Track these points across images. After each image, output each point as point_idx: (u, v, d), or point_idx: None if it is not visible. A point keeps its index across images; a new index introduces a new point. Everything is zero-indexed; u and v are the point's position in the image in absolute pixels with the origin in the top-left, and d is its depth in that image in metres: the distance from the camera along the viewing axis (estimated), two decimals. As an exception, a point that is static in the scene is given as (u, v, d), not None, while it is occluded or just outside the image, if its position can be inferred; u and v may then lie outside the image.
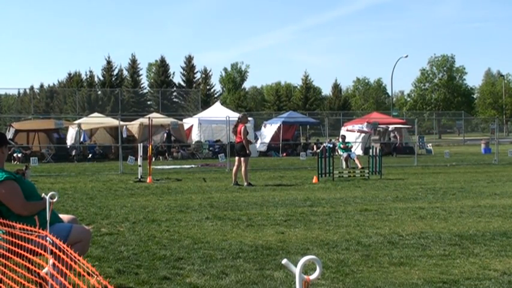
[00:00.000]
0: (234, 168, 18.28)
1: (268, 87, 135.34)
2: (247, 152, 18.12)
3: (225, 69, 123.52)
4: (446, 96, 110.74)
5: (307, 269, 3.61)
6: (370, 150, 23.18)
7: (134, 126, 38.79)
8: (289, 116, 46.56)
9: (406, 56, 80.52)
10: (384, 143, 41.59)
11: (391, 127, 42.69)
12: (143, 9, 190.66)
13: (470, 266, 7.09)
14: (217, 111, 41.24)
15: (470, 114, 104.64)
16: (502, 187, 17.46)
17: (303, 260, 2.83)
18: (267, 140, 41.87)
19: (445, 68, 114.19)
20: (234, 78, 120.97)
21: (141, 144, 22.41)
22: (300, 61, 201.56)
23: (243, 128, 18.12)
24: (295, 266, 2.87)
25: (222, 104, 52.82)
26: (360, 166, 23.65)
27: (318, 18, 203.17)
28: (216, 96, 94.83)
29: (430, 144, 47.49)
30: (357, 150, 36.70)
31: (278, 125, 42.65)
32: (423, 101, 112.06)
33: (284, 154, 40.14)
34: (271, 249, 8.07)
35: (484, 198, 14.41)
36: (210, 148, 38.77)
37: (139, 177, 19.89)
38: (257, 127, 46.79)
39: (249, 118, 42.12)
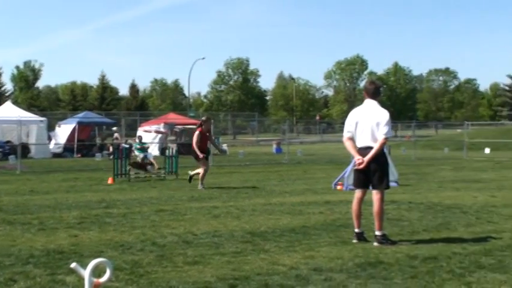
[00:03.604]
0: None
1: (63, 86, 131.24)
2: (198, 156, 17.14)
3: (17, 67, 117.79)
4: (241, 98, 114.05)
5: (101, 271, 3.54)
6: (167, 151, 23.28)
7: None
8: (84, 116, 45.55)
9: (203, 58, 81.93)
10: (181, 144, 41.94)
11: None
12: None
13: (260, 262, 7.34)
14: (8, 111, 39.22)
15: (263, 115, 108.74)
16: (291, 185, 18.31)
17: (92, 263, 2.79)
18: (62, 140, 40.60)
19: (240, 71, 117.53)
20: (27, 76, 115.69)
21: None
22: (96, 60, 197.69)
23: (196, 133, 17.17)
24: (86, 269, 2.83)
25: (13, 104, 50.30)
26: (156, 167, 23.66)
27: (116, 17, 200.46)
28: (7, 95, 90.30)
29: (225, 145, 48.68)
30: (154, 150, 36.70)
31: (73, 125, 41.53)
32: (219, 102, 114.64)
33: (79, 155, 39.13)
34: (64, 253, 7.83)
35: (275, 197, 15.01)
36: (0, 149, 36.81)
37: None
38: (51, 127, 45.16)
39: (43, 118, 40.79)
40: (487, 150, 39.88)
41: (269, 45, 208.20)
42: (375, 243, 8.47)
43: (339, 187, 17.16)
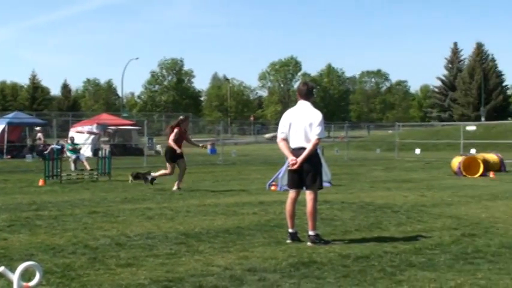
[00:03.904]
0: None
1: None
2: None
3: None
4: (175, 99, 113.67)
5: (31, 275, 3.49)
6: (100, 152, 22.97)
7: None
8: (15, 117, 44.44)
9: (137, 58, 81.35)
10: (114, 145, 41.47)
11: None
12: None
13: (195, 263, 7.32)
14: None
15: (198, 116, 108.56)
16: (226, 186, 18.32)
17: (20, 267, 2.73)
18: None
19: (174, 71, 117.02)
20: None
21: None
22: (27, 60, 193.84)
23: (176, 130, 16.76)
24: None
25: None
26: (88, 168, 23.33)
27: (48, 16, 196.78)
28: None
29: (159, 146, 48.28)
30: (86, 152, 36.18)
31: (3, 126, 40.54)
32: (153, 102, 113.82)
33: (9, 156, 38.19)
34: (-7, 257, 7.63)
35: (209, 197, 14.99)
36: None
37: None
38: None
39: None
40: (417, 151, 40.76)
41: (204, 46, 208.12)
42: (309, 243, 8.56)
43: (273, 187, 17.26)
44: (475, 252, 8.04)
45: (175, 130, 16.77)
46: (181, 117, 17.72)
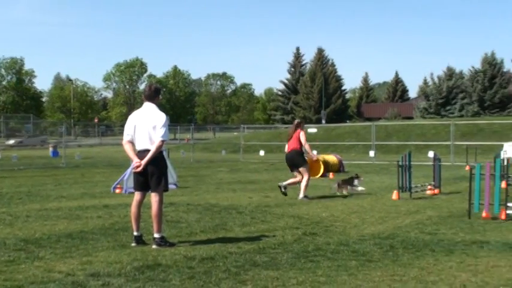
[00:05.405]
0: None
1: None
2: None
3: None
4: (15, 99, 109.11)
5: None
6: None
7: None
8: None
9: (-27, 57, 77.47)
10: None
11: None
12: None
13: (35, 270, 7.07)
14: None
15: (39, 117, 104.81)
16: (68, 189, 17.84)
17: None
18: None
19: (14, 71, 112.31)
20: None
21: None
22: None
23: (302, 132, 15.20)
24: None
25: None
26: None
27: None
28: None
29: (-2, 148, 46.18)
30: None
31: None
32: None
33: None
34: None
35: (51, 201, 14.56)
36: None
37: None
38: None
39: None
40: (262, 153, 41.60)
41: (46, 46, 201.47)
42: (154, 246, 8.52)
43: (118, 190, 17.01)
44: (316, 250, 8.33)
45: (302, 132, 15.40)
46: (298, 120, 16.29)
